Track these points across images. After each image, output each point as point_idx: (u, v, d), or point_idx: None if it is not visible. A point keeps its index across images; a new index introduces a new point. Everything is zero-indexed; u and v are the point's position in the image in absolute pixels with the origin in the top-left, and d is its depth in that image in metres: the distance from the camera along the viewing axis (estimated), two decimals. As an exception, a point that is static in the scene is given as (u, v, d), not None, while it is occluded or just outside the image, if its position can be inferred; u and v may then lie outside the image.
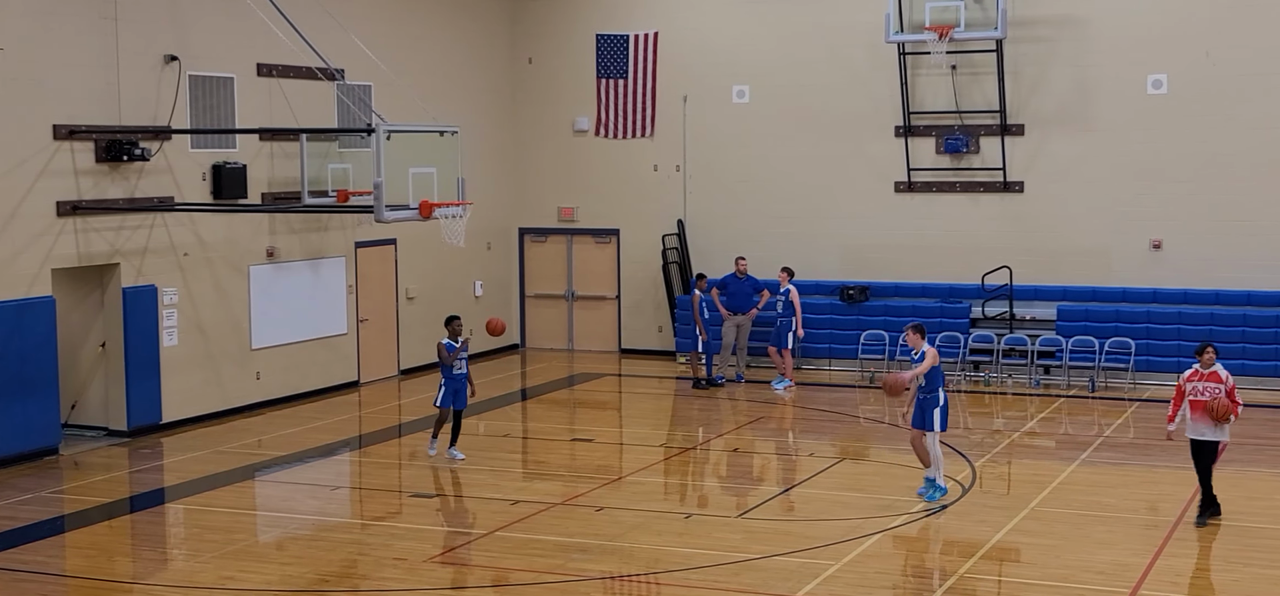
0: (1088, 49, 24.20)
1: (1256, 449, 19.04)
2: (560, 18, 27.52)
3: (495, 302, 27.62)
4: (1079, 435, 20.22)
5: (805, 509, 16.25)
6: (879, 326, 24.79)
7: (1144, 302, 23.84)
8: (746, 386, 23.98)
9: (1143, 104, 23.97)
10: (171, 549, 15.20)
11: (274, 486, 17.84)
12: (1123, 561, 13.92)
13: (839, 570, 13.67)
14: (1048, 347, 23.84)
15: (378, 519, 16.14)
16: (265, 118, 22.01)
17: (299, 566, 14.12)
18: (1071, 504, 16.05)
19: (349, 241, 23.91)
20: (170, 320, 20.67)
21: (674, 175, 26.95)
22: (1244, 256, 23.44)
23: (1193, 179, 23.72)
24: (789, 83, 25.99)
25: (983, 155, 24.92)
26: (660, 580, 13.56)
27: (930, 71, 24.94)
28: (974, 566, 13.93)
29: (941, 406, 15.84)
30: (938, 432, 15.90)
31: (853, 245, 25.74)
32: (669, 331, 26.91)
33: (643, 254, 27.21)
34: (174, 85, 20.48)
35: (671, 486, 17.78)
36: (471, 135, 24.13)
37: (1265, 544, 14.51)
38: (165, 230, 20.55)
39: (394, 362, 25.19)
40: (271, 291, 22.35)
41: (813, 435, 20.52)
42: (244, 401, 21.91)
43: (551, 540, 14.87)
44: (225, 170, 21.18)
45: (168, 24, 20.48)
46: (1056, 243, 24.55)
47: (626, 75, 27.04)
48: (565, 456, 19.10)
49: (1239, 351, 22.96)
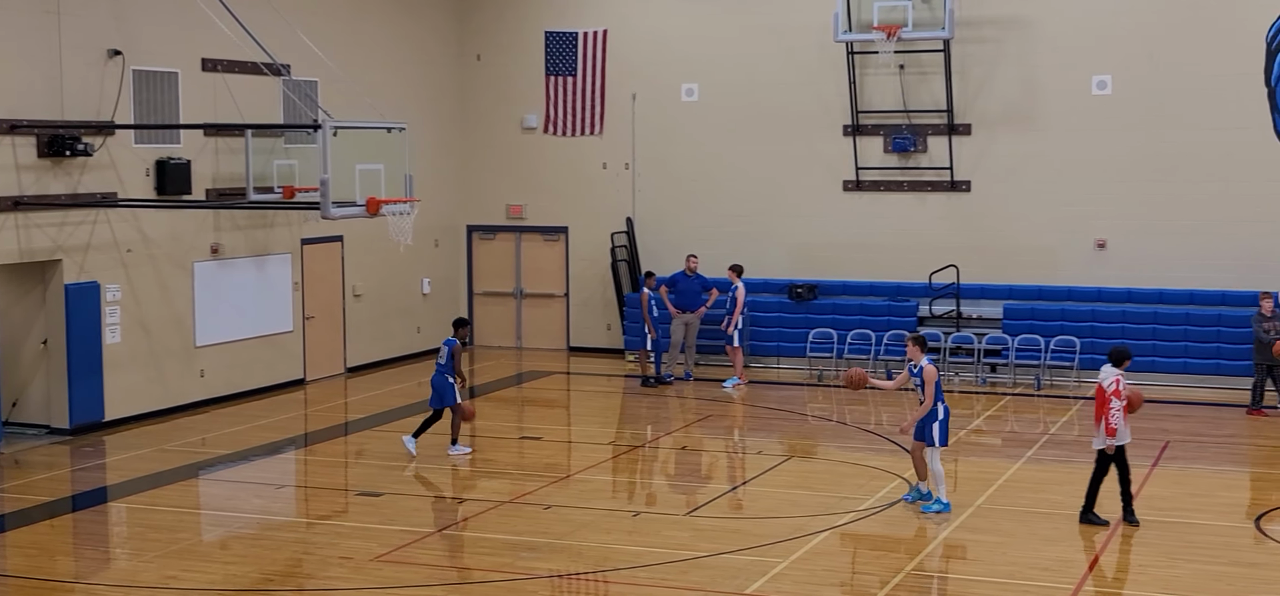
0: (1033, 50, 24.39)
1: (1198, 447, 19.25)
2: (509, 15, 27.43)
3: (443, 300, 27.51)
4: (1025, 433, 20.38)
5: (754, 506, 16.28)
6: (827, 325, 24.87)
7: (1089, 301, 24.06)
8: (695, 384, 24.00)
9: (1087, 105, 24.19)
10: (114, 548, 15.03)
11: (218, 485, 17.68)
12: (1067, 557, 14.04)
13: (787, 567, 13.70)
14: (994, 346, 24.00)
15: (323, 517, 16.03)
16: (210, 113, 21.81)
17: (243, 565, 14.00)
18: (1017, 501, 16.16)
19: (295, 238, 23.74)
20: (113, 317, 20.45)
21: (623, 173, 26.94)
22: (1186, 256, 23.70)
23: (1136, 179, 23.96)
24: (738, 81, 26.03)
25: (930, 154, 25.07)
26: (609, 578, 13.53)
27: (878, 71, 25.06)
28: (921, 563, 14.00)
29: (940, 420, 15.48)
30: (938, 447, 15.61)
31: (801, 243, 25.83)
32: (618, 329, 26.89)
33: (592, 252, 27.18)
34: (117, 80, 20.26)
35: (620, 484, 17.76)
36: (419, 132, 24.05)
37: (1206, 539, 14.66)
38: (108, 226, 20.33)
39: (340, 360, 25.03)
40: (216, 288, 22.16)
41: (761, 433, 20.55)
42: (188, 399, 21.71)
43: (499, 538, 14.81)
44: (169, 166, 20.98)
45: (111, 18, 20.25)
46: (1003, 242, 24.73)
47: (575, 73, 27.00)
48: (513, 454, 19.04)
49: (1181, 350, 23.24)
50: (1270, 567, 13.81)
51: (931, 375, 15.48)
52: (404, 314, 26.56)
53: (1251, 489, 17.34)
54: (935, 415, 15.50)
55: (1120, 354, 15.20)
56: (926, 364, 15.58)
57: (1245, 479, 17.90)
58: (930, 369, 15.53)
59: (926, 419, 15.52)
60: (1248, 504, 16.41)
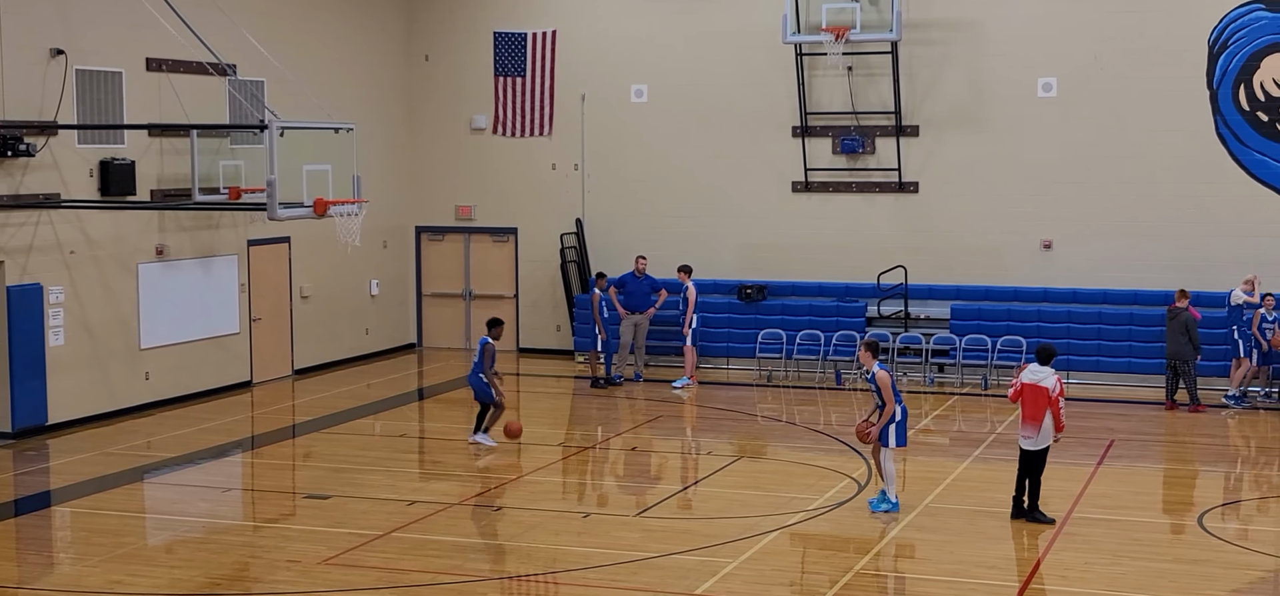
0: (980, 52, 24.56)
1: (1142, 446, 19.46)
2: (458, 15, 27.34)
3: (392, 301, 27.39)
4: (972, 432, 20.52)
5: (703, 507, 16.30)
6: (776, 325, 24.95)
7: (1035, 302, 24.25)
8: (645, 385, 24.00)
9: (1033, 107, 24.39)
10: (58, 552, 14.86)
11: (164, 488, 17.51)
12: (1014, 556, 14.15)
13: (736, 567, 13.73)
14: (942, 345, 24.15)
15: (271, 521, 15.91)
16: (155, 113, 21.61)
17: (189, 569, 13.87)
18: (964, 500, 16.26)
19: (241, 239, 23.56)
20: (56, 319, 20.22)
21: (572, 174, 26.91)
22: (1131, 257, 23.94)
23: (1082, 180, 24.17)
24: (687, 82, 26.06)
25: (878, 156, 25.19)
26: (558, 580, 13.51)
27: (827, 73, 25.16)
28: (869, 562, 14.06)
29: (898, 422, 15.44)
30: (892, 448, 15.56)
31: (750, 244, 25.89)
32: (567, 330, 26.86)
33: (541, 253, 27.13)
34: (60, 80, 20.03)
35: (570, 485, 17.73)
36: (367, 133, 23.90)
37: (1150, 537, 14.81)
38: (51, 227, 20.09)
39: (288, 362, 24.86)
40: (161, 290, 21.95)
41: (711, 434, 20.58)
42: (133, 402, 21.50)
43: (448, 540, 14.76)
44: (113, 166, 20.77)
45: (54, 17, 20.03)
46: (950, 242, 24.90)
47: (524, 73, 26.94)
48: (462, 456, 18.97)
49: (1126, 349, 23.47)
50: (1213, 564, 13.96)
51: (885, 380, 15.45)
52: (352, 315, 26.42)
53: (1195, 486, 17.53)
54: (893, 416, 15.50)
55: (1049, 352, 15.36)
56: (878, 370, 15.57)
57: (1188, 476, 18.10)
58: (883, 374, 15.50)
59: (887, 421, 15.52)
60: (1192, 501, 16.59)
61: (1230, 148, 23.40)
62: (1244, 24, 23.21)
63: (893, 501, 15.60)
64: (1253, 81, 23.20)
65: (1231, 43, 23.27)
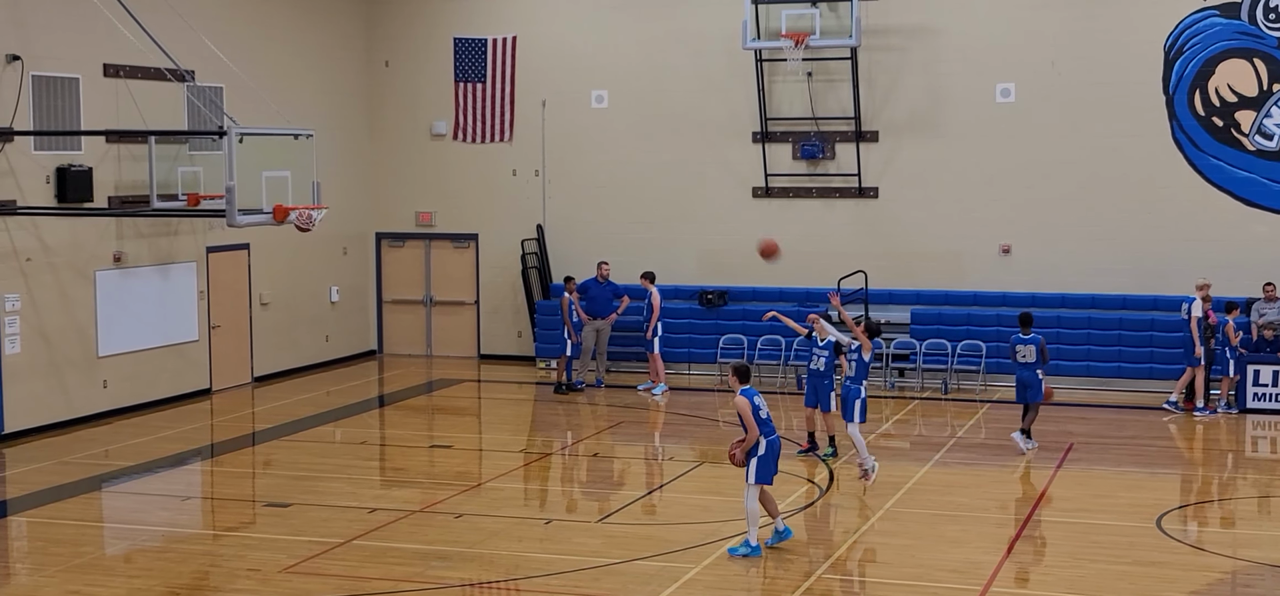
0: (939, 58, 24.69)
1: (1102, 449, 19.59)
2: (417, 21, 27.27)
3: (352, 308, 27.28)
4: (932, 436, 20.61)
5: (665, 513, 16.31)
6: (738, 331, 24.99)
7: (994, 306, 24.39)
8: (607, 391, 23.99)
9: (992, 112, 24.54)
10: (15, 562, 14.70)
11: (122, 497, 17.37)
12: (974, 559, 14.22)
13: (698, 573, 13.74)
14: (902, 350, 24.25)
15: (230, 529, 15.81)
16: (112, 119, 21.44)
17: (148, 578, 13.77)
18: (925, 504, 16.34)
19: (200, 246, 23.41)
20: (12, 327, 20.04)
21: (533, 180, 26.88)
22: (1089, 261, 24.12)
23: (1040, 185, 24.34)
24: (647, 88, 26.08)
25: (838, 161, 25.29)
26: (520, 586, 13.49)
27: (787, 78, 25.23)
28: (831, 567, 14.10)
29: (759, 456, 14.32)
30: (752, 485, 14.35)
31: (711, 250, 25.92)
32: (528, 336, 26.81)
33: (502, 259, 27.08)
34: (16, 86, 19.85)
35: (531, 492, 17.71)
36: (327, 139, 23.81)
37: (1110, 540, 14.92)
38: (7, 234, 19.91)
39: (247, 370, 24.72)
40: (119, 297, 21.78)
41: (673, 439, 20.60)
42: (90, 410, 21.32)
43: (410, 548, 14.71)
44: (70, 173, 20.60)
45: (9, 22, 19.85)
46: (910, 247, 25.01)
47: (484, 79, 26.90)
48: (423, 463, 18.91)
49: (1084, 353, 23.63)
50: (1172, 567, 14.08)
51: (743, 407, 14.27)
52: (312, 322, 26.29)
53: (1154, 489, 17.66)
54: (756, 448, 14.33)
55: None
56: (737, 396, 14.42)
57: (1147, 479, 18.23)
58: (742, 401, 14.31)
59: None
60: (1150, 504, 16.71)
61: (1186, 152, 23.61)
62: (1199, 30, 23.42)
63: (753, 545, 14.24)
64: (1207, 87, 23.41)
65: (1187, 48, 23.49)
